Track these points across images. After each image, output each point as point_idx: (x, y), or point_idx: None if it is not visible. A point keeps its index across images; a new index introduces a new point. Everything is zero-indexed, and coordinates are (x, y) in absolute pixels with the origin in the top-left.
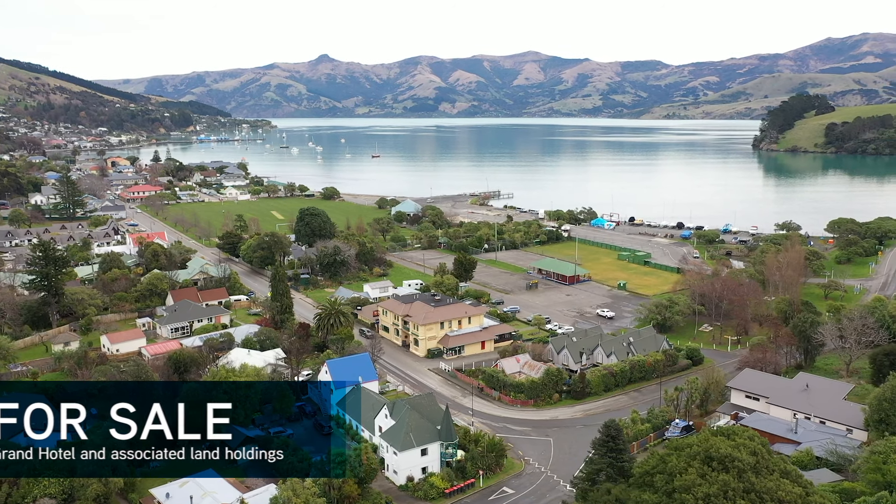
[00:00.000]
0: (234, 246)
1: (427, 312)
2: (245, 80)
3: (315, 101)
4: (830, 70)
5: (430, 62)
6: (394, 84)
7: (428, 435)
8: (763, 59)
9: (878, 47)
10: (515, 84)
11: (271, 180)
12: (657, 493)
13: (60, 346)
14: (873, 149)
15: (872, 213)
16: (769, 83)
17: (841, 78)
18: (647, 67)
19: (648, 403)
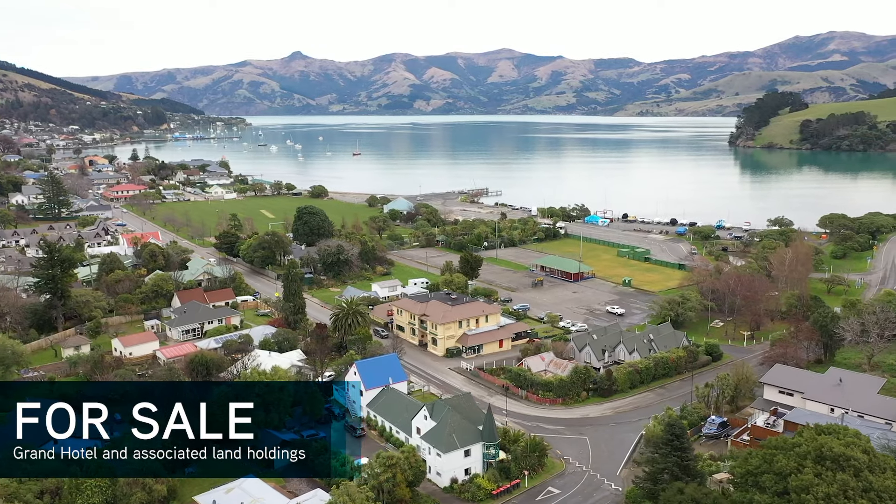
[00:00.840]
0: (231, 246)
1: (445, 311)
2: (217, 77)
3: (288, 99)
4: (799, 68)
5: (405, 59)
6: (368, 81)
7: (470, 436)
8: (733, 56)
9: (844, 45)
10: (490, 81)
11: (256, 178)
12: (766, 493)
13: (71, 350)
14: (847, 145)
15: (858, 208)
16: (740, 81)
17: (809, 76)
18: (620, 65)
19: (675, 400)
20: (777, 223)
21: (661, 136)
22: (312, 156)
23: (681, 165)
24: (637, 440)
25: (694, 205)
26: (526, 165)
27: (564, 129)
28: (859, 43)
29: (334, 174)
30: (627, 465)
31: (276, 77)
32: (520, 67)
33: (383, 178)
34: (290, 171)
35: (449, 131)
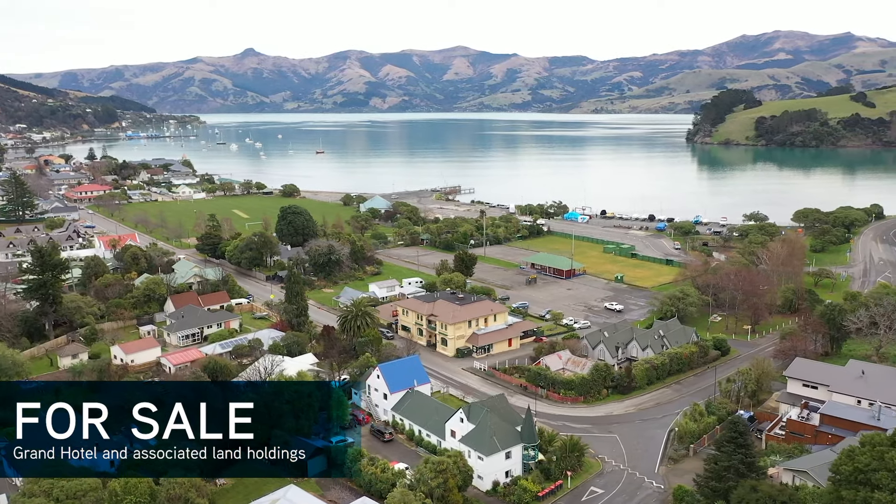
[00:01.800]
0: (213, 247)
1: (454, 311)
2: (167, 74)
3: (242, 97)
4: (746, 66)
5: (360, 57)
6: (323, 79)
7: (510, 437)
8: (683, 55)
9: (788, 44)
10: (445, 79)
11: (223, 178)
12: (883, 491)
13: (69, 358)
14: (801, 141)
15: (824, 202)
16: (691, 78)
17: (757, 73)
18: (574, 63)
19: (694, 395)
20: (752, 218)
21: (619, 133)
22: (274, 154)
23: (645, 162)
24: (667, 437)
25: (666, 201)
26: (492, 163)
27: (523, 127)
28: (803, 42)
29: (300, 173)
30: (663, 462)
31: (228, 74)
32: (475, 65)
33: (351, 177)
34: (254, 169)
35: (408, 129)
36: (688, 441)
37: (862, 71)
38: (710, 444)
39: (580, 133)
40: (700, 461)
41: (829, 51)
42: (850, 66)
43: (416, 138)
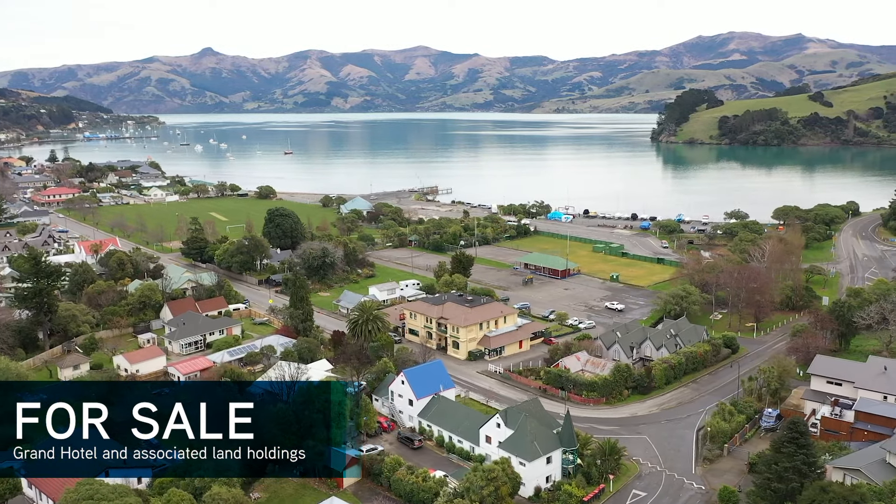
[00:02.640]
0: (200, 251)
1: (465, 314)
2: (122, 74)
3: (200, 97)
4: (703, 66)
5: (320, 56)
6: (283, 78)
7: (550, 442)
8: (641, 55)
9: (743, 45)
10: (407, 79)
11: (195, 180)
12: None
13: (70, 369)
14: (763, 140)
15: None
16: (650, 78)
17: (713, 73)
18: (535, 62)
19: (713, 394)
20: (734, 216)
21: (583, 132)
22: (242, 155)
23: (615, 161)
24: (697, 437)
25: (643, 200)
26: (463, 163)
27: (488, 127)
28: (757, 43)
29: (270, 174)
30: (698, 462)
31: (186, 74)
32: (437, 65)
33: (324, 178)
34: (222, 171)
35: (372, 129)
36: (720, 441)
37: (814, 71)
38: (741, 444)
39: (546, 133)
40: (735, 460)
41: (782, 51)
42: (802, 66)
43: (382, 138)
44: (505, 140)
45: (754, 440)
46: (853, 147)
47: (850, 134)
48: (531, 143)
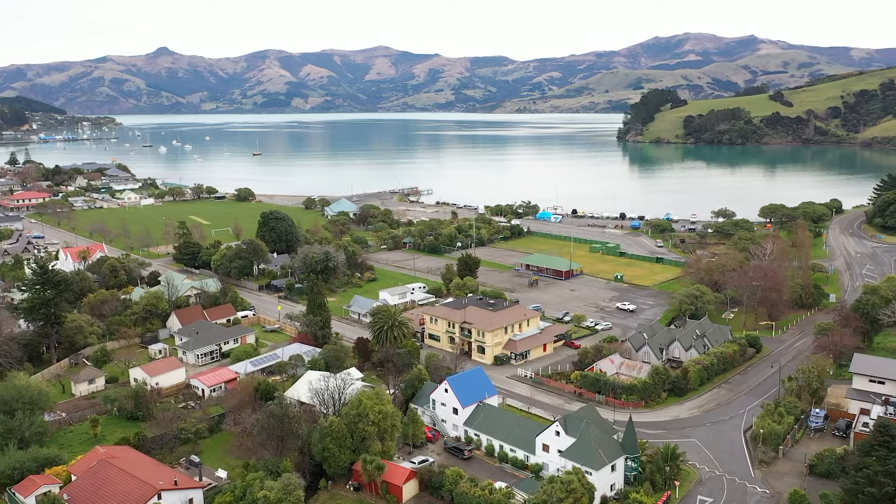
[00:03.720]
0: (193, 256)
1: (490, 318)
2: (74, 73)
3: (156, 97)
4: (660, 67)
5: (279, 56)
6: (241, 79)
7: (613, 449)
8: (600, 55)
9: (698, 46)
10: (367, 79)
11: (167, 182)
12: None
13: (84, 384)
14: (727, 139)
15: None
16: (609, 78)
17: (670, 74)
18: (495, 63)
19: (748, 395)
20: (721, 214)
21: (550, 132)
22: (209, 157)
23: (587, 161)
24: (745, 438)
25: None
26: (438, 163)
27: (453, 127)
28: (711, 44)
29: (242, 175)
30: (754, 465)
31: (140, 74)
32: (397, 65)
33: (298, 179)
34: (192, 173)
35: (336, 130)
36: (773, 442)
37: (766, 71)
38: (793, 445)
39: (512, 133)
40: (792, 462)
41: (735, 52)
42: (755, 66)
43: (348, 139)
44: (472, 140)
45: (804, 441)
46: (814, 146)
47: (811, 133)
48: (500, 143)
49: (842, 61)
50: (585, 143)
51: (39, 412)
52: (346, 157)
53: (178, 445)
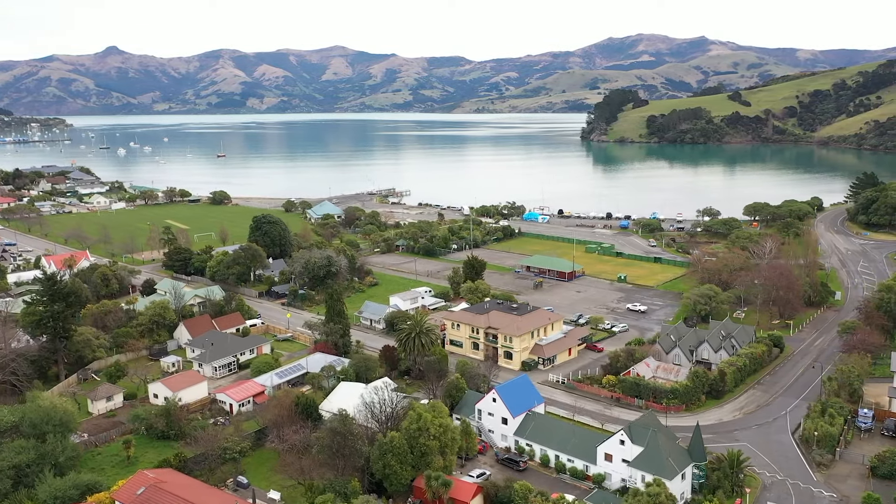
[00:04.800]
0: (185, 263)
1: (516, 322)
2: (19, 73)
3: (106, 97)
4: (614, 67)
5: (233, 56)
6: (194, 79)
7: (681, 458)
8: (556, 56)
9: (651, 47)
10: (324, 79)
11: (136, 185)
12: None
13: (103, 402)
14: (690, 138)
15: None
16: (565, 79)
17: (625, 74)
18: (452, 63)
19: (784, 396)
20: (707, 213)
21: (513, 132)
22: (172, 158)
23: (558, 160)
24: (795, 441)
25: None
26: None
27: (412, 127)
28: (664, 45)
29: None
30: (812, 468)
31: (89, 74)
32: (354, 65)
33: (269, 180)
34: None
35: (296, 130)
36: (828, 444)
37: (718, 72)
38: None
39: (476, 133)
40: (850, 464)
41: (687, 53)
42: (707, 67)
43: (310, 139)
44: (438, 141)
45: (855, 442)
46: (773, 144)
47: (770, 132)
48: (467, 143)
49: (788, 62)
50: (551, 142)
51: (69, 434)
52: (312, 158)
53: (220, 465)
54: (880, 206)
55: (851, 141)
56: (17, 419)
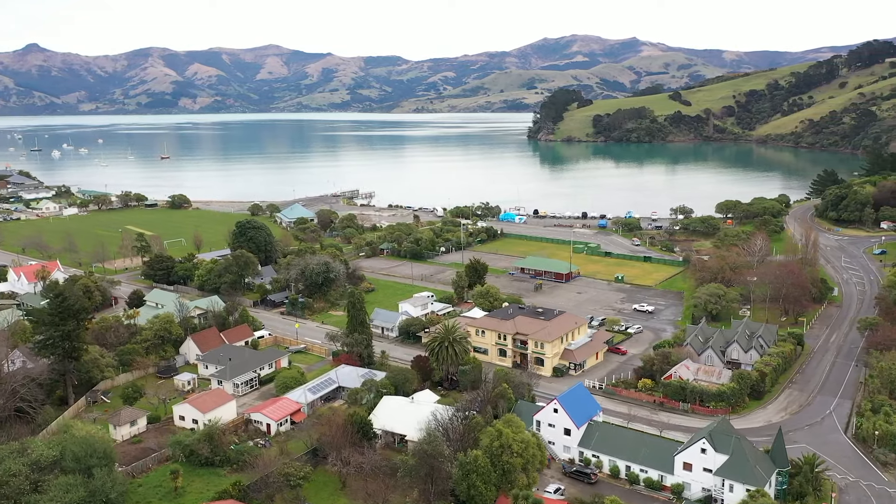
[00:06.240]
0: (167, 272)
1: (546, 328)
2: None
3: (27, 97)
4: (550, 67)
5: (163, 54)
6: (122, 78)
7: (766, 464)
8: (492, 56)
9: (585, 47)
10: (259, 78)
11: (84, 189)
12: None
13: (126, 427)
14: (635, 137)
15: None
16: (503, 79)
17: (561, 74)
18: (389, 62)
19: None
20: (680, 212)
21: (458, 131)
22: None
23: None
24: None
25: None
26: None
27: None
28: (597, 45)
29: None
30: (878, 468)
31: (8, 72)
32: (289, 64)
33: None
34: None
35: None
36: (889, 443)
37: (650, 72)
38: None
39: (421, 133)
40: None
41: (620, 54)
42: (639, 67)
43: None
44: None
45: None
46: (714, 143)
47: (711, 131)
48: (414, 143)
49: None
50: (500, 142)
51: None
52: (259, 160)
53: (279, 493)
54: (849, 202)
55: (789, 139)
56: (58, 453)
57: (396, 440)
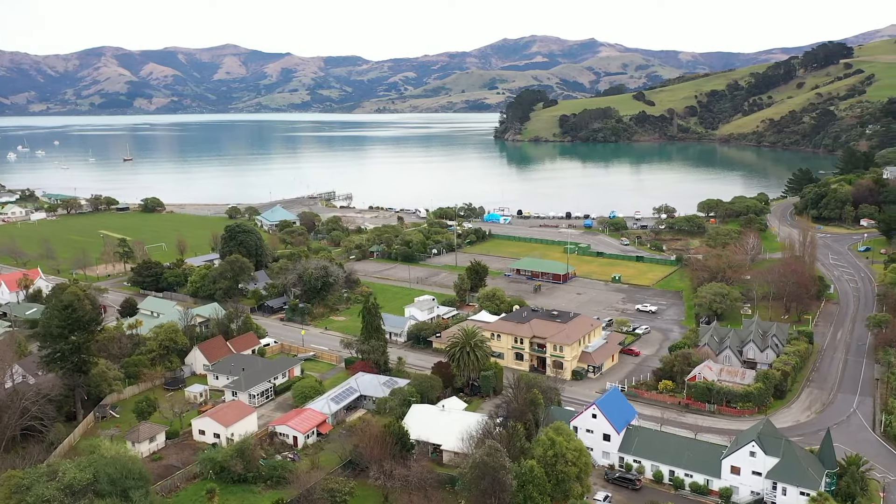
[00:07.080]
0: (156, 278)
1: (564, 330)
2: None
3: None
4: (510, 68)
5: (116, 54)
6: (74, 77)
7: (815, 466)
8: (453, 56)
9: (544, 48)
10: (216, 78)
11: (48, 193)
12: None
13: (146, 444)
14: (602, 137)
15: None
16: (464, 79)
17: (522, 74)
18: (349, 63)
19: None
20: (663, 211)
21: (424, 132)
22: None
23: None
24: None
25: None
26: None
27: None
28: (556, 46)
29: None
30: None
31: None
32: (248, 64)
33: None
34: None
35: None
36: None
37: (608, 73)
38: None
39: (385, 133)
40: None
41: (579, 54)
42: (598, 68)
43: (211, 141)
44: (347, 141)
45: None
46: (679, 142)
47: (675, 130)
48: (379, 143)
49: (672, 63)
50: (466, 142)
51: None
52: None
53: None
54: (829, 200)
55: (751, 139)
56: (91, 475)
57: (430, 450)
